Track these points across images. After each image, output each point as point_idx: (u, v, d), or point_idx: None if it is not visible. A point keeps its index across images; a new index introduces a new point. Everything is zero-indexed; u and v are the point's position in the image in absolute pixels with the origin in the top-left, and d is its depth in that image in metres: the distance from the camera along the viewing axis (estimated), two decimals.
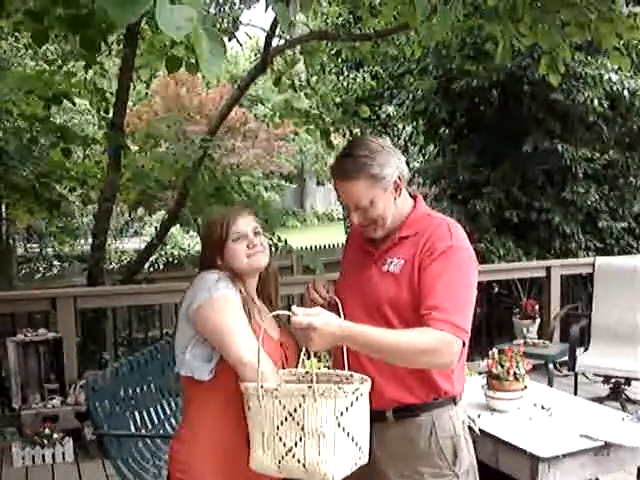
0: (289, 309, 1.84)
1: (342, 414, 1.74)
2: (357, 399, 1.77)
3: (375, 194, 1.99)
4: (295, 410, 1.74)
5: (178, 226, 8.06)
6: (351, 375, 1.88)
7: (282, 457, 1.75)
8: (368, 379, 1.84)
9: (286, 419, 1.75)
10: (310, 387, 1.73)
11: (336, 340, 1.83)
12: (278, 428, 1.76)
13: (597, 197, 7.88)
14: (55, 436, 4.47)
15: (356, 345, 1.87)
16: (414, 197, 2.13)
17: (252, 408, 1.83)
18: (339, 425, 1.74)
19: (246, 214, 2.06)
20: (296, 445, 1.74)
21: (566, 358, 5.22)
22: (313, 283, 2.08)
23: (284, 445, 1.75)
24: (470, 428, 2.14)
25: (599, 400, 4.50)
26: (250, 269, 2.02)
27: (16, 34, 8.61)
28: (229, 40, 6.29)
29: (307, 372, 1.85)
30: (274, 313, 1.92)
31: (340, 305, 1.93)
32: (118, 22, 1.25)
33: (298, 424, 1.74)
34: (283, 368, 1.96)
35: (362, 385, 1.81)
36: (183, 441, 2.02)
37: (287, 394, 1.76)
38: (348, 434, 1.76)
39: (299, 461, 1.73)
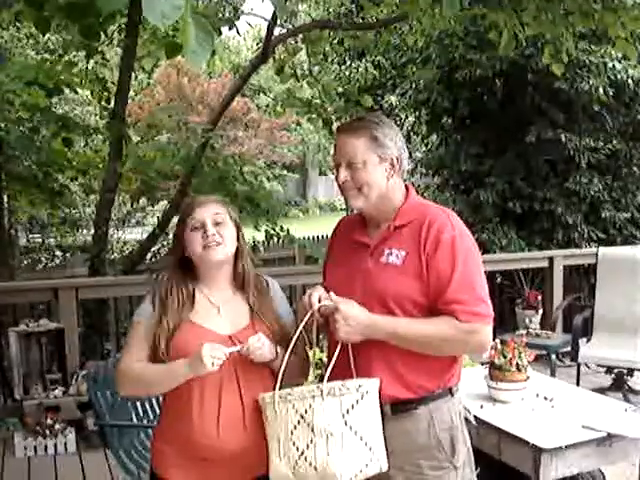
0: (290, 300, 1.84)
1: (348, 412, 1.76)
2: (362, 397, 1.79)
3: (370, 158, 1.98)
4: (306, 411, 1.77)
5: None
6: (360, 385, 1.88)
7: (296, 462, 1.78)
8: (377, 379, 1.85)
9: (299, 422, 1.78)
10: (319, 387, 1.76)
11: (364, 327, 1.88)
12: (292, 433, 1.79)
13: (600, 187, 7.83)
14: (57, 426, 4.48)
15: (384, 333, 1.90)
16: (406, 187, 2.10)
17: (268, 417, 1.86)
18: (346, 424, 1.76)
19: (209, 203, 2.01)
20: (308, 447, 1.77)
21: (569, 349, 5.21)
22: (309, 293, 1.98)
23: (297, 449, 1.78)
24: (466, 419, 2.13)
25: (602, 391, 4.49)
26: (201, 262, 1.99)
27: (17, 24, 8.57)
28: (230, 29, 6.24)
29: (317, 387, 1.84)
30: (318, 305, 1.90)
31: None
32: (104, 8, 1.26)
33: (308, 425, 1.77)
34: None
35: (367, 382, 1.82)
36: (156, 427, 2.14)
37: (299, 397, 1.80)
38: (356, 433, 1.77)
39: (310, 464, 1.76)
